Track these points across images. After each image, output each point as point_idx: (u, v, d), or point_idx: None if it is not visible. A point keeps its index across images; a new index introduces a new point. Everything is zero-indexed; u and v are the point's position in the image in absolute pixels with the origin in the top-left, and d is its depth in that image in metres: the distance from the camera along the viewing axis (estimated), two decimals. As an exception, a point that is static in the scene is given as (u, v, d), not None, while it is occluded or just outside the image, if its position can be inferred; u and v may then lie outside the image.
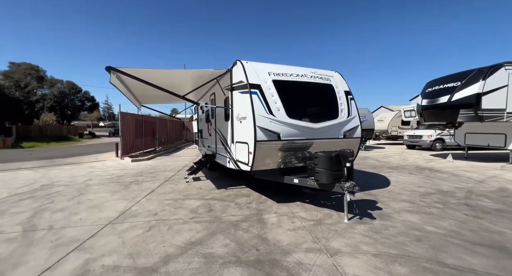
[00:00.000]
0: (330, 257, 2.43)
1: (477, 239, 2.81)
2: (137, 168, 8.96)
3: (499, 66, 8.35)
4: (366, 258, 2.43)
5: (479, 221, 3.35)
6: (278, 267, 2.31)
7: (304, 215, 3.72)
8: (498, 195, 4.58)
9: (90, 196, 5.14)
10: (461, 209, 3.80)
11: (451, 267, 2.26)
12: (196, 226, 3.39)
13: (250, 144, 3.96)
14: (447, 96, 9.15)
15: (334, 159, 3.42)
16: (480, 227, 3.15)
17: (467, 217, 3.47)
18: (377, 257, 2.43)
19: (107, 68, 3.99)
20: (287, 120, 4.02)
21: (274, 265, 2.34)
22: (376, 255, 2.46)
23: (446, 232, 2.98)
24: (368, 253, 2.50)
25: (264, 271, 2.26)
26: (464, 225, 3.20)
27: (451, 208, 3.82)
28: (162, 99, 8.95)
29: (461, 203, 4.10)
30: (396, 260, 2.38)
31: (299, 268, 2.27)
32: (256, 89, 4.04)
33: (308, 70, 4.75)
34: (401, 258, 2.42)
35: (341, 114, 4.50)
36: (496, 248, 2.59)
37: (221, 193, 5.16)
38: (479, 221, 3.35)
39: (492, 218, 3.44)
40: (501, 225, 3.21)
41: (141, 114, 14.73)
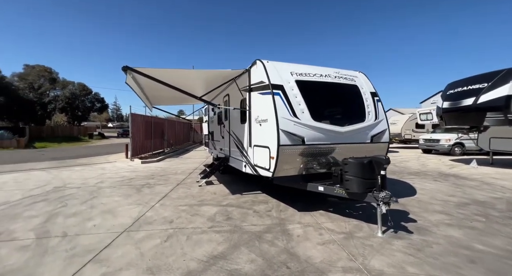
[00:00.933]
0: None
1: None
2: (147, 170, 8.85)
3: (531, 66, 7.83)
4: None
5: None
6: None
7: (331, 226, 3.43)
8: None
9: (103, 199, 4.99)
10: (509, 224, 3.43)
11: None
12: (216, 237, 3.15)
13: (272, 148, 3.71)
14: (472, 99, 8.65)
15: (367, 166, 3.14)
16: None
17: None
18: None
19: (123, 68, 3.83)
20: (312, 123, 3.75)
21: None
22: None
23: (501, 252, 2.63)
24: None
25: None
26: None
27: (497, 222, 3.46)
28: (173, 101, 8.85)
29: (506, 216, 3.72)
30: None
31: None
32: (278, 90, 3.80)
33: (331, 70, 4.48)
34: None
35: (368, 116, 4.20)
36: None
37: (237, 199, 4.92)
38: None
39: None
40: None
41: (150, 115, 14.75)
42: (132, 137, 11.77)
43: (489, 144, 9.98)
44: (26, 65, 35.16)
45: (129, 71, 3.86)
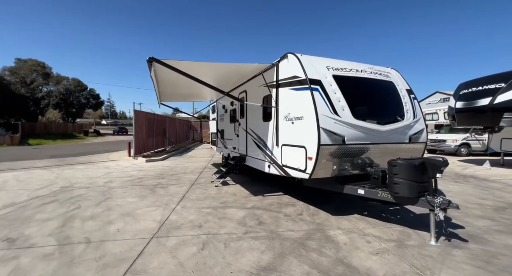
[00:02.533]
0: None
1: None
2: (154, 169, 8.51)
3: (546, 67, 7.75)
4: None
5: None
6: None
7: (375, 232, 3.21)
8: None
9: (117, 201, 4.67)
10: None
11: None
12: (256, 244, 2.89)
13: (310, 148, 3.46)
14: (489, 99, 8.54)
15: (419, 168, 2.92)
16: None
17: None
18: None
19: (149, 60, 3.52)
20: (353, 121, 3.51)
21: None
22: None
23: None
24: None
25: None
26: None
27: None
28: (182, 97, 8.52)
29: None
30: None
31: None
32: (317, 85, 3.55)
33: (365, 66, 4.26)
34: None
35: (406, 115, 3.99)
36: None
37: (261, 201, 4.66)
38: None
39: None
40: None
41: (153, 113, 14.33)
42: (135, 135, 11.37)
43: (501, 145, 9.98)
44: (17, 59, 33.90)
45: (154, 62, 3.55)
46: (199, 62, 4.17)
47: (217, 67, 4.40)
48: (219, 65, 4.35)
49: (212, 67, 4.36)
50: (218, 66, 4.36)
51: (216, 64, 4.27)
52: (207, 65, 4.17)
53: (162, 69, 4.05)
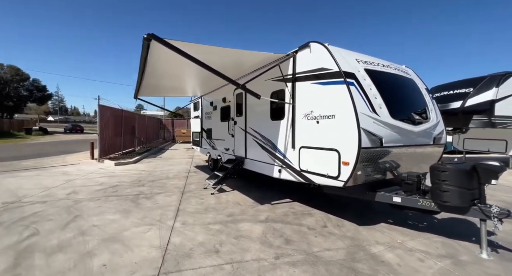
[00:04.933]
0: None
1: None
2: (129, 174, 7.27)
3: (510, 74, 8.69)
4: None
5: None
6: None
7: (418, 246, 2.90)
8: None
9: (92, 220, 3.62)
10: None
11: None
12: (298, 274, 2.32)
13: (346, 152, 3.00)
14: (460, 102, 9.27)
15: (470, 174, 2.66)
16: None
17: None
18: None
19: (147, 37, 2.63)
20: (390, 121, 3.15)
21: None
22: None
23: None
24: None
25: None
26: None
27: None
28: (165, 92, 7.43)
29: None
30: None
31: None
32: (352, 79, 3.09)
33: (386, 61, 3.97)
34: None
35: (431, 115, 3.81)
36: None
37: (273, 211, 4.09)
38: None
39: None
40: None
41: (120, 109, 12.61)
42: (100, 133, 9.75)
43: (463, 145, 11.02)
44: None
45: (154, 40, 2.68)
46: (204, 45, 3.36)
47: (224, 52, 3.64)
48: (227, 51, 3.61)
49: (217, 52, 3.59)
50: (225, 51, 3.61)
51: (224, 49, 3.52)
52: (209, 48, 3.38)
53: (159, 53, 3.17)
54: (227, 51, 3.61)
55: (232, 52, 3.76)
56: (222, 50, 3.57)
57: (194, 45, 3.18)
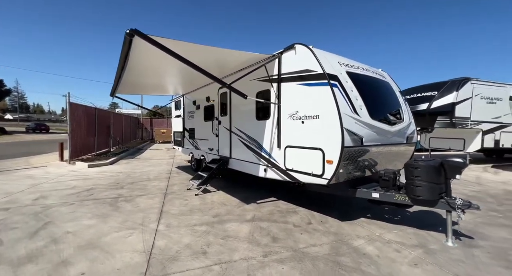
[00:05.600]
0: None
1: None
2: (105, 176, 6.87)
3: (467, 80, 9.64)
4: None
5: None
6: None
7: (394, 237, 3.12)
8: None
9: (66, 226, 3.38)
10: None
11: None
12: (287, 271, 2.38)
13: (329, 150, 3.13)
14: (426, 104, 10.12)
15: (439, 170, 2.93)
16: None
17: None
18: None
19: (129, 32, 2.50)
20: (370, 121, 3.35)
21: None
22: None
23: None
24: None
25: None
26: None
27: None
28: (145, 90, 7.12)
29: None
30: None
31: None
32: (335, 81, 3.23)
33: (365, 65, 4.20)
34: None
35: (404, 116, 4.10)
36: None
37: (258, 210, 4.12)
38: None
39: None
40: None
41: (94, 107, 11.85)
42: (71, 133, 9.09)
43: (429, 143, 12.01)
44: None
45: (134, 39, 2.56)
46: (188, 43, 3.28)
47: (208, 51, 3.59)
48: (211, 49, 3.56)
49: (201, 51, 3.53)
50: (209, 50, 3.56)
51: (207, 47, 3.46)
52: (197, 47, 3.32)
53: (141, 50, 3.04)
54: (212, 49, 3.57)
55: (217, 51, 3.72)
56: (206, 49, 3.51)
57: (179, 42, 3.10)
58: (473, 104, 9.76)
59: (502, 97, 9.39)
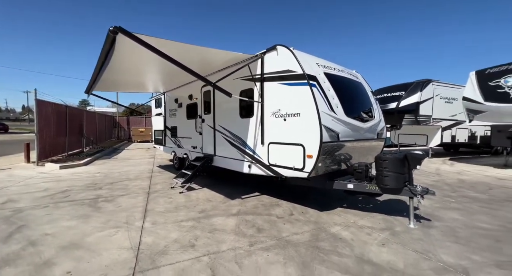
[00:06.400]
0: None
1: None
2: (80, 177, 6.57)
3: (428, 81, 10.64)
4: (475, 264, 2.41)
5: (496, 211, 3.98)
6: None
7: (366, 223, 3.47)
8: (479, 186, 5.66)
9: (43, 228, 3.25)
10: (463, 201, 4.47)
11: None
12: (272, 257, 2.57)
13: (309, 146, 3.37)
14: (395, 103, 11.00)
15: (403, 161, 3.32)
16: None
17: (490, 210, 4.05)
18: (505, 267, 2.33)
19: (113, 30, 2.49)
20: (345, 118, 3.66)
21: None
22: (502, 265, 2.39)
23: (498, 226, 3.37)
24: (491, 264, 2.39)
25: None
26: (494, 217, 3.72)
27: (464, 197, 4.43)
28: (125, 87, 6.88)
29: (459, 195, 4.84)
30: None
31: None
32: (314, 81, 3.48)
33: (340, 66, 4.53)
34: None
35: (375, 113, 4.51)
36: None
37: (243, 205, 4.28)
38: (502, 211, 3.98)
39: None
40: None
41: (65, 105, 11.13)
42: (39, 133, 8.48)
43: (398, 139, 13.05)
44: None
45: (118, 36, 2.56)
46: (173, 41, 3.31)
47: (193, 50, 3.64)
48: (196, 48, 3.62)
49: (184, 49, 3.56)
50: (194, 49, 3.62)
51: (193, 46, 3.51)
52: (180, 46, 3.36)
53: (124, 47, 3.01)
54: (198, 49, 3.63)
55: (202, 50, 3.78)
56: (192, 48, 3.56)
57: (164, 41, 3.12)
58: (434, 103, 10.80)
59: (457, 97, 10.49)
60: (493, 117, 7.84)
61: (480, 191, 5.27)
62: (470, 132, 11.78)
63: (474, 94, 8.09)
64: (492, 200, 4.61)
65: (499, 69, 7.62)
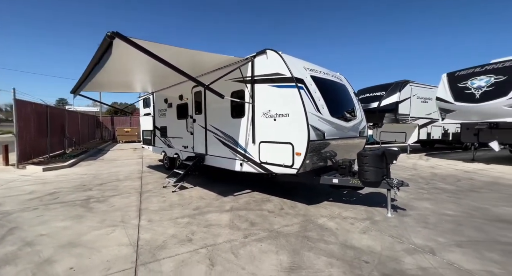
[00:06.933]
0: (436, 255, 2.55)
1: (479, 214, 3.75)
2: (67, 179, 6.45)
3: (406, 82, 11.36)
4: (440, 245, 2.77)
5: (464, 200, 4.46)
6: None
7: (350, 214, 3.79)
8: (449, 179, 6.21)
9: (36, 229, 3.27)
10: (435, 192, 4.96)
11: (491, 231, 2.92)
12: (265, 246, 2.80)
13: (298, 144, 3.63)
14: (377, 103, 11.64)
15: (382, 157, 3.66)
16: (475, 205, 4.20)
17: (456, 199, 4.53)
18: (463, 246, 2.71)
19: (111, 35, 2.58)
20: (330, 118, 3.95)
21: (401, 275, 2.25)
22: (462, 244, 2.77)
23: (461, 213, 3.83)
24: (453, 244, 2.77)
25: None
26: (459, 205, 4.18)
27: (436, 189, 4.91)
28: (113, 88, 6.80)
29: (431, 187, 5.34)
30: (493, 246, 2.73)
31: (425, 273, 2.27)
32: (302, 84, 3.73)
33: (326, 69, 4.83)
34: (488, 242, 2.85)
35: (357, 113, 4.86)
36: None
37: (236, 201, 4.48)
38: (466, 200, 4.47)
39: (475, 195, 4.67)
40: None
41: (45, 104, 10.73)
42: (19, 134, 8.16)
43: (380, 136, 13.79)
44: None
45: (118, 38, 2.65)
46: (165, 45, 3.42)
47: (187, 53, 3.76)
48: (190, 52, 3.74)
49: (180, 53, 3.68)
50: (188, 52, 3.74)
51: (187, 50, 3.64)
52: (173, 49, 3.47)
53: (120, 51, 3.08)
54: (191, 52, 3.76)
55: (195, 53, 3.91)
56: (185, 51, 3.69)
57: (157, 44, 3.23)
58: (411, 102, 11.54)
59: (431, 97, 11.28)
60: (462, 116, 8.57)
61: (450, 183, 5.83)
62: (443, 129, 12.70)
63: (445, 94, 8.79)
64: (459, 190, 5.14)
65: (467, 71, 8.35)
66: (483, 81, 7.79)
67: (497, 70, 7.61)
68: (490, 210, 3.94)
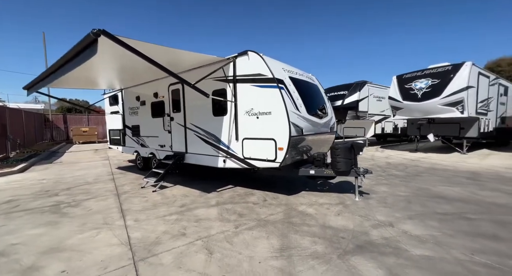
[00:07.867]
0: (394, 227, 3.15)
1: (423, 193, 4.59)
2: (23, 186, 5.79)
3: (365, 82, 12.70)
4: (396, 219, 3.40)
5: (413, 182, 5.36)
6: (376, 247, 2.72)
7: (325, 201, 4.28)
8: (400, 167, 7.26)
9: (5, 239, 3.00)
10: (394, 177, 5.85)
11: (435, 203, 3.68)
12: (256, 233, 3.07)
13: (280, 140, 3.95)
14: (341, 101, 12.78)
15: (351, 149, 4.22)
16: (420, 186, 5.08)
17: (405, 182, 5.42)
18: (413, 218, 3.40)
19: (96, 32, 2.49)
20: (307, 116, 4.36)
21: (373, 247, 2.73)
22: (412, 217, 3.45)
23: (410, 193, 4.63)
24: (405, 218, 3.44)
25: (379, 253, 2.63)
26: (408, 187, 5.03)
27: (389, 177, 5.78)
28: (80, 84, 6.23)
29: (388, 174, 6.24)
30: (433, 216, 3.45)
31: (393, 242, 2.79)
32: (282, 84, 4.05)
33: (300, 71, 5.25)
34: (430, 214, 3.57)
35: (328, 110, 5.41)
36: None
37: (220, 197, 4.64)
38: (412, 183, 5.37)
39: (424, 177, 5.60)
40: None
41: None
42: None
43: (343, 132, 15.15)
44: None
45: (104, 36, 2.58)
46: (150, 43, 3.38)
47: (170, 52, 3.73)
48: (173, 51, 3.73)
49: (163, 51, 3.64)
50: (171, 51, 3.72)
51: (165, 48, 3.62)
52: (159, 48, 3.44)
53: (106, 50, 2.97)
54: (174, 51, 3.76)
55: (178, 52, 3.90)
56: (168, 50, 3.68)
57: (142, 43, 3.18)
58: (369, 101, 12.95)
59: (384, 96, 12.81)
60: (408, 113, 10.03)
61: (400, 170, 6.88)
62: (394, 124, 14.55)
63: (396, 94, 10.14)
64: (408, 176, 6.13)
65: (411, 75, 9.77)
66: (423, 83, 9.24)
67: (433, 74, 9.11)
68: (431, 190, 4.85)
